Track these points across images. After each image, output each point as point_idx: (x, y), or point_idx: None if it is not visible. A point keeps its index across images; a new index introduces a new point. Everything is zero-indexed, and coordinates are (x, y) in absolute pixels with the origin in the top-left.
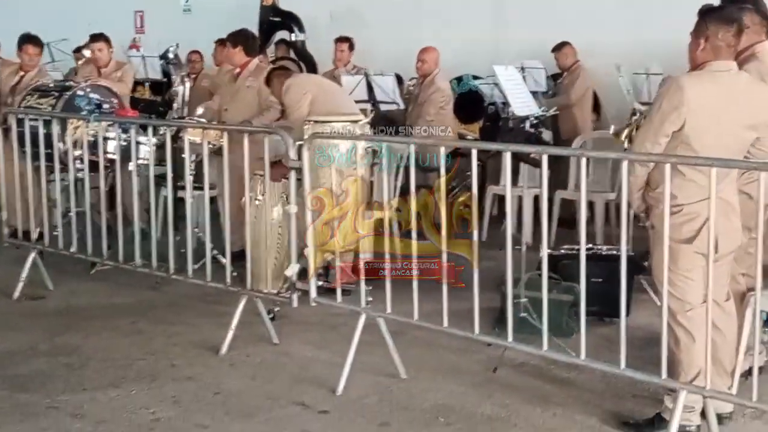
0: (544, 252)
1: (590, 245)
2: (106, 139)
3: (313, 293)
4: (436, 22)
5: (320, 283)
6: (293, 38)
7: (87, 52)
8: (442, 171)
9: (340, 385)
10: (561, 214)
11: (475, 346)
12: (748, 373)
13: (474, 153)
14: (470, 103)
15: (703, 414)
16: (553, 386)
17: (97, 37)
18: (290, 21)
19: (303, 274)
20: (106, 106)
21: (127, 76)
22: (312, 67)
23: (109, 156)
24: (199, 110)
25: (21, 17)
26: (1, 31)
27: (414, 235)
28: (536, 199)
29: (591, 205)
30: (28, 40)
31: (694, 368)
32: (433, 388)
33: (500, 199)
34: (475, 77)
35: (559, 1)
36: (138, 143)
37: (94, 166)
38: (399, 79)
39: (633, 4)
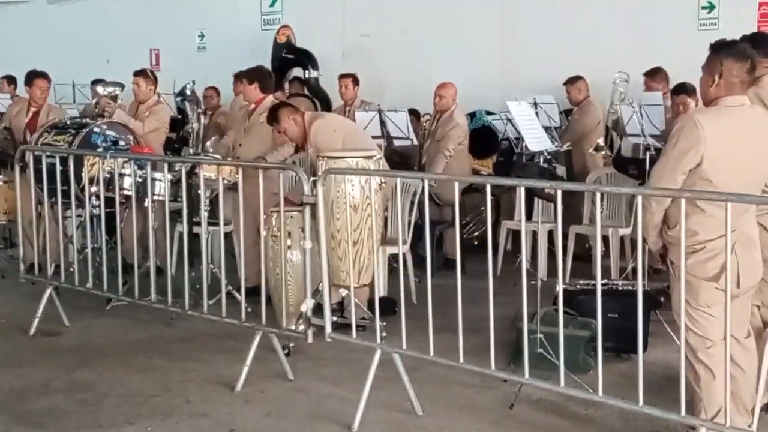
0: (560, 287)
1: (605, 280)
2: (121, 175)
3: (329, 329)
4: (447, 58)
5: (335, 318)
6: (307, 75)
7: (100, 89)
8: (456, 207)
9: (355, 421)
10: (575, 249)
11: (492, 382)
12: (767, 409)
13: (488, 188)
14: (484, 139)
15: None
16: (571, 423)
17: (136, 73)
18: (304, 58)
19: (318, 309)
20: (122, 143)
21: (155, 116)
22: (326, 104)
23: (125, 192)
24: (208, 144)
25: (39, 55)
26: (19, 68)
27: (429, 269)
28: (550, 234)
29: (605, 240)
30: (37, 75)
31: (714, 405)
32: (449, 425)
33: (515, 234)
34: (488, 113)
35: (569, 36)
36: (153, 179)
37: (110, 203)
38: (416, 115)
39: (644, 38)
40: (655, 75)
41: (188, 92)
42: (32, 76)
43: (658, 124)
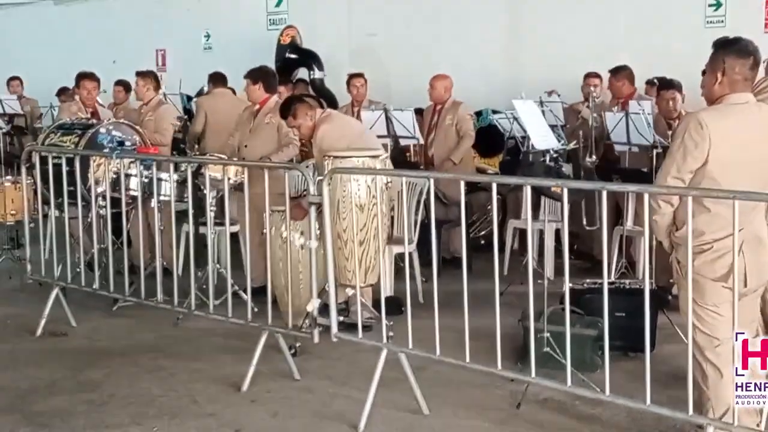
0: (566, 286)
1: (612, 279)
2: (128, 176)
3: (335, 329)
4: (453, 57)
5: (341, 318)
6: (312, 76)
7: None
8: (462, 206)
9: (362, 421)
10: (579, 247)
11: (498, 381)
12: None
13: (494, 187)
14: (490, 138)
15: None
16: (578, 422)
17: (139, 74)
18: (309, 59)
19: (324, 309)
20: (128, 143)
21: (161, 120)
22: (332, 104)
23: (131, 193)
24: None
25: (45, 56)
26: (25, 69)
27: (435, 268)
28: (558, 233)
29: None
30: (83, 76)
31: (722, 404)
32: (456, 425)
33: (521, 233)
34: (495, 111)
35: (575, 34)
36: (159, 180)
37: (116, 203)
38: (422, 115)
39: (651, 36)
40: (617, 73)
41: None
42: (79, 78)
43: (645, 133)
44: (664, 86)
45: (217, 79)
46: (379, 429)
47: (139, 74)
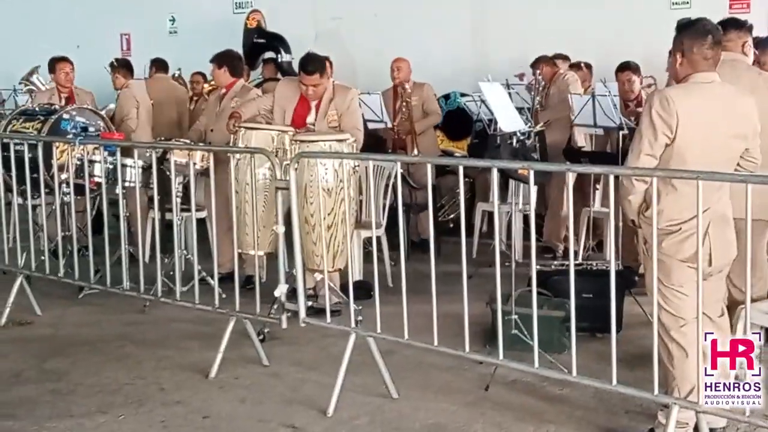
0: (534, 268)
1: (579, 261)
2: (92, 162)
3: (303, 314)
4: (419, 41)
5: (310, 303)
6: (280, 59)
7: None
8: (429, 189)
9: (330, 406)
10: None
11: (467, 364)
12: None
13: (461, 170)
14: (458, 121)
15: (696, 430)
16: (546, 403)
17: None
18: (276, 42)
19: (292, 294)
20: (91, 129)
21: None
22: None
23: (96, 179)
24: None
25: (9, 42)
26: None
27: (403, 252)
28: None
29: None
30: (58, 60)
31: (687, 384)
32: (425, 408)
33: (490, 216)
34: (463, 94)
35: (540, 17)
36: (124, 166)
37: (80, 190)
38: None
39: (617, 19)
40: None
41: (176, 74)
42: (53, 62)
43: (612, 115)
44: (620, 68)
45: (159, 65)
46: (348, 413)
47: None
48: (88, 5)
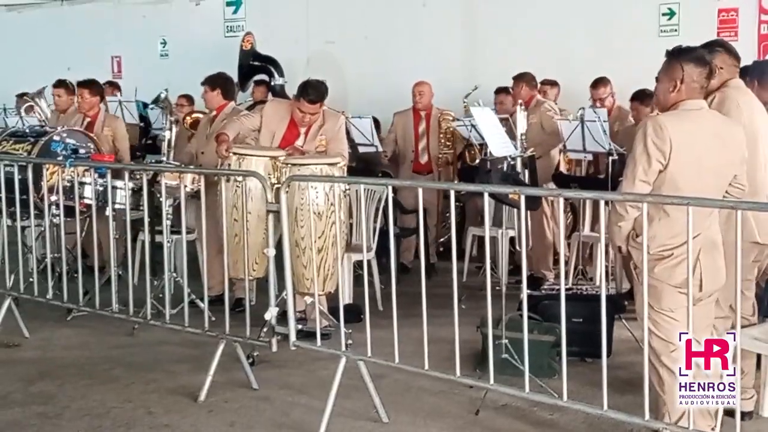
0: (524, 292)
1: (570, 285)
2: (82, 184)
3: (293, 337)
4: (411, 65)
5: (300, 326)
6: (273, 83)
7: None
8: (420, 213)
9: (320, 430)
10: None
11: (457, 388)
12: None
13: (452, 194)
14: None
15: None
16: (536, 428)
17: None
18: (270, 65)
19: (282, 317)
20: (82, 151)
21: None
22: None
23: (86, 201)
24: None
25: (0, 63)
26: None
27: (393, 275)
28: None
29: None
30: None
31: (678, 409)
32: None
33: (480, 240)
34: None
35: (531, 41)
36: (114, 188)
37: (70, 212)
38: (376, 122)
39: (604, 43)
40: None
41: (162, 95)
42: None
43: (600, 140)
44: (594, 85)
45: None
46: None
47: (62, 85)
48: (78, 28)
